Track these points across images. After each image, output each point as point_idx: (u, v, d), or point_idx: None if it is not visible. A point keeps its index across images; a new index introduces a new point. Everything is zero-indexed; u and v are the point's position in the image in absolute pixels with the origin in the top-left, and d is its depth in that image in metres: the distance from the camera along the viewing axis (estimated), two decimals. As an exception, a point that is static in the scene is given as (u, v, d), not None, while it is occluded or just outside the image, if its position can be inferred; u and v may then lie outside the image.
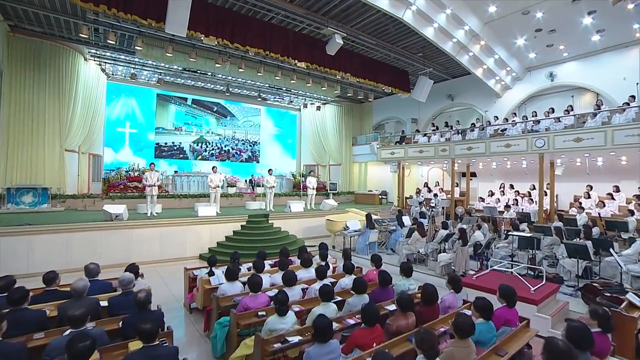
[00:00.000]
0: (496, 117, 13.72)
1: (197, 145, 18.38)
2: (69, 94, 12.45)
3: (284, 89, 17.22)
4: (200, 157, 18.35)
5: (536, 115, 11.91)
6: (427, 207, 13.83)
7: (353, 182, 20.31)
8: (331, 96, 17.46)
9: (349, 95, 16.35)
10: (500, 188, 13.53)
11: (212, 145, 19.03)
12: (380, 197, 17.64)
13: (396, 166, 16.17)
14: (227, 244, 9.70)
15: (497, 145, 11.64)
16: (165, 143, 17.32)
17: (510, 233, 7.77)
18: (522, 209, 11.51)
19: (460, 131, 14.29)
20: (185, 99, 18.03)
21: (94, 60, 13.56)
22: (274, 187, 12.42)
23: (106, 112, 15.51)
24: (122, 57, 13.54)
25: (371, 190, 18.47)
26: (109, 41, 10.01)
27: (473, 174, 15.09)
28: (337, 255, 9.91)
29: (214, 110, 19.23)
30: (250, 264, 6.12)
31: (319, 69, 11.50)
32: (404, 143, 16.30)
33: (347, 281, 4.80)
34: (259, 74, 12.87)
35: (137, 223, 8.75)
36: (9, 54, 11.35)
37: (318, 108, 19.81)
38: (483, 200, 13.45)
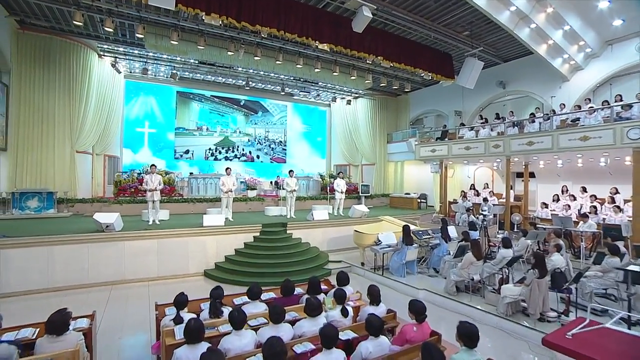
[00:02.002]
0: (563, 104, 11.21)
1: (219, 150, 17.32)
2: (81, 92, 11.76)
3: (309, 81, 15.66)
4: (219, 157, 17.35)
5: (621, 100, 9.38)
6: (476, 214, 11.63)
7: (388, 183, 18.34)
8: (362, 88, 15.64)
9: (382, 85, 14.49)
10: (567, 192, 11.02)
11: (237, 150, 17.92)
12: (418, 201, 15.55)
13: (438, 165, 14.05)
14: (237, 259, 8.29)
15: (568, 138, 9.28)
16: (186, 151, 16.45)
17: (602, 254, 5.63)
18: (604, 219, 9.06)
19: (516, 123, 11.93)
20: (209, 96, 17.04)
21: (106, 56, 12.77)
22: (295, 190, 10.89)
23: (124, 111, 14.86)
24: (136, 52, 12.68)
25: (408, 193, 16.42)
26: (106, 29, 9.00)
27: (531, 175, 12.62)
28: (364, 279, 8.21)
29: (241, 104, 18.10)
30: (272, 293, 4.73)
31: (346, 51, 9.78)
32: (446, 139, 14.12)
33: (372, 347, 3.09)
34: (277, 62, 11.39)
35: (131, 234, 7.56)
36: (18, 51, 10.78)
37: (348, 102, 18.09)
38: (546, 206, 11.02)
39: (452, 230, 9.30)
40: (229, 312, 3.35)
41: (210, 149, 17.13)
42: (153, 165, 9.14)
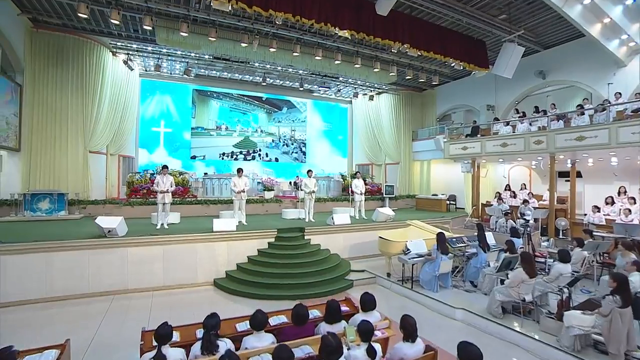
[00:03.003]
0: (618, 93, 9.82)
1: (236, 154, 16.79)
2: (94, 90, 11.45)
3: (329, 75, 14.81)
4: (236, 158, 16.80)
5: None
6: (514, 218, 10.43)
7: (413, 184, 17.22)
8: (385, 83, 14.66)
9: (407, 79, 13.47)
10: (624, 193, 9.65)
11: (258, 152, 17.34)
12: (447, 202, 14.38)
13: (469, 164, 12.85)
14: (249, 267, 7.55)
15: (631, 131, 7.97)
16: (203, 156, 16.00)
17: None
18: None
19: (561, 116, 10.62)
20: (229, 93, 16.52)
21: (119, 53, 12.41)
22: (314, 192, 10.08)
23: (140, 110, 14.55)
24: (149, 48, 12.26)
25: (436, 195, 15.26)
26: (113, 21, 8.51)
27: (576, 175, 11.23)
28: (390, 292, 7.25)
29: (264, 99, 17.47)
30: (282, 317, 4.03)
31: (368, 39, 8.86)
32: (478, 135, 12.91)
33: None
34: (295, 54, 10.62)
35: (134, 240, 6.97)
36: (32, 50, 10.55)
37: (371, 98, 17.12)
38: (598, 209, 9.67)
39: (489, 237, 8.22)
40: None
41: (226, 153, 16.52)
42: (165, 166, 8.58)
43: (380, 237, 7.97)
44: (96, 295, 6.55)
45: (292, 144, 18.29)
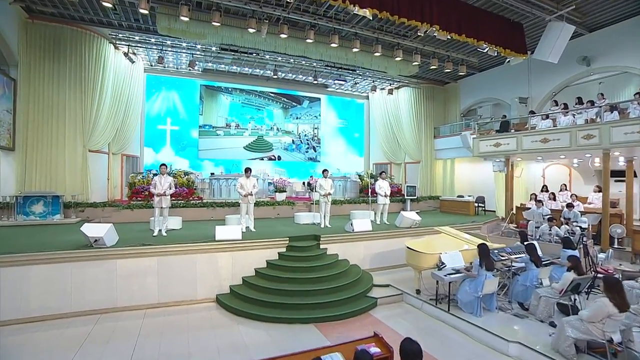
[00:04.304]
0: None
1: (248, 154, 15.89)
2: (94, 85, 10.72)
3: (345, 67, 13.71)
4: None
5: None
6: (558, 224, 9.10)
7: (435, 184, 15.96)
8: (407, 74, 13.43)
9: (432, 68, 12.22)
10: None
11: (274, 156, 16.41)
12: (476, 205, 13.07)
13: (502, 163, 11.53)
14: (257, 282, 6.53)
15: None
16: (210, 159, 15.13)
17: None
18: None
19: (614, 107, 9.22)
20: (240, 89, 15.62)
21: (120, 44, 11.61)
22: (330, 194, 9.01)
23: (145, 107, 13.79)
24: (152, 40, 11.43)
25: (462, 196, 13.97)
26: (104, 4, 7.63)
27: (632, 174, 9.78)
28: (421, 313, 6.05)
29: (279, 93, 16.44)
30: None
31: (393, 19, 7.73)
32: (513, 130, 11.58)
33: None
34: (308, 40, 9.56)
35: (124, 251, 6.04)
36: (27, 43, 9.85)
37: (390, 92, 15.93)
38: (662, 214, 8.28)
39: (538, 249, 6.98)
40: None
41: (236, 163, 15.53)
42: (163, 165, 7.66)
43: (408, 248, 6.82)
44: (79, 314, 5.65)
45: (308, 143, 17.27)
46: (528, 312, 5.63)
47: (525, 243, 6.55)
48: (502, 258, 6.49)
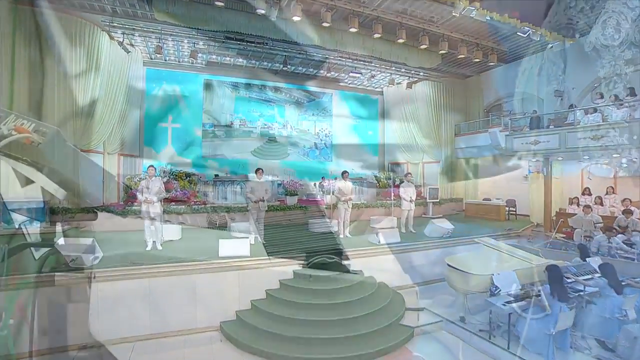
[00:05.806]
0: None
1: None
2: (85, 78, 9.65)
3: (360, 59, 12.54)
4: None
5: None
6: (613, 232, 7.87)
7: (456, 186, 14.72)
8: (427, 67, 12.22)
9: (460, 57, 10.98)
10: None
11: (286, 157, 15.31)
12: (508, 209, 11.84)
13: (540, 163, 10.30)
14: (267, 309, 5.41)
15: None
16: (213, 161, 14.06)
17: None
18: None
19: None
20: (247, 83, 14.53)
21: (113, 32, 10.55)
22: (351, 199, 7.88)
23: (145, 104, 12.76)
24: (151, 28, 10.37)
25: (489, 199, 12.75)
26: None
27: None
28: (468, 347, 4.87)
29: (292, 87, 15.27)
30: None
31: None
32: (551, 126, 10.34)
33: None
34: (324, 24, 8.42)
35: (107, 272, 4.96)
36: (12, 29, 8.82)
37: (409, 86, 14.72)
38: None
39: (594, 263, 5.81)
40: None
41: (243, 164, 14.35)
42: (151, 166, 6.54)
43: (449, 266, 5.67)
44: (47, 353, 4.58)
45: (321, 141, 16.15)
46: (615, 354, 4.44)
47: (600, 263, 5.34)
48: (568, 280, 5.30)
